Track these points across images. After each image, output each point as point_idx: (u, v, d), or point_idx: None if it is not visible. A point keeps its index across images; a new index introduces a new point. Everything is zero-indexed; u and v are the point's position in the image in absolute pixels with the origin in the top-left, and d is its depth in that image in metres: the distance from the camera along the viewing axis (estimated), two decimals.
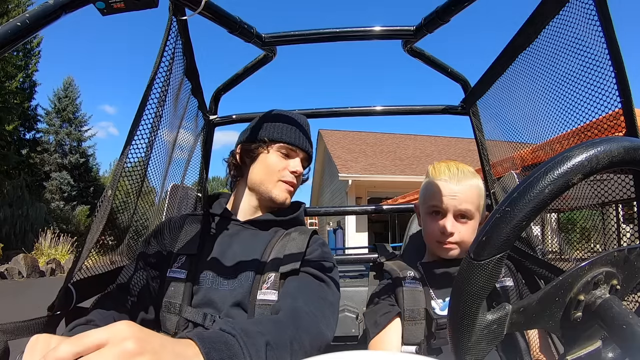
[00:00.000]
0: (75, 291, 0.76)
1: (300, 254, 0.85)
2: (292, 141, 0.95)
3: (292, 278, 0.82)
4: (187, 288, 0.84)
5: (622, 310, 0.38)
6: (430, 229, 0.93)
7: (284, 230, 0.94)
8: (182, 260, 0.87)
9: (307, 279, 0.82)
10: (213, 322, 0.79)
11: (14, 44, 0.53)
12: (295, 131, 0.97)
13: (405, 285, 0.92)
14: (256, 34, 1.09)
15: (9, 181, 12.76)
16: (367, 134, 16.28)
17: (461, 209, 0.89)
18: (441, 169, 0.94)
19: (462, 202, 0.89)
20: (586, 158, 0.35)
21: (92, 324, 0.72)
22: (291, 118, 1.00)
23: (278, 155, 0.95)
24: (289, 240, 0.89)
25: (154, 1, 0.69)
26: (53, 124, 17.18)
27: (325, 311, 0.75)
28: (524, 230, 0.36)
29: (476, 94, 1.25)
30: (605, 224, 0.84)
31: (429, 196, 0.93)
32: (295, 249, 0.86)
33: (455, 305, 0.39)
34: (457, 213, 0.90)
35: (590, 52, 0.71)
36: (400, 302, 0.90)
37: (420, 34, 1.07)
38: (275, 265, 0.84)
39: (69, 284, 0.75)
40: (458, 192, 0.89)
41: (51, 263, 9.48)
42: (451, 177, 0.91)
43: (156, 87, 0.85)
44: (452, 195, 0.90)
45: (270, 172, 0.94)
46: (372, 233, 13.31)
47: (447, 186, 0.90)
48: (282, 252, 0.86)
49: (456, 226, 0.90)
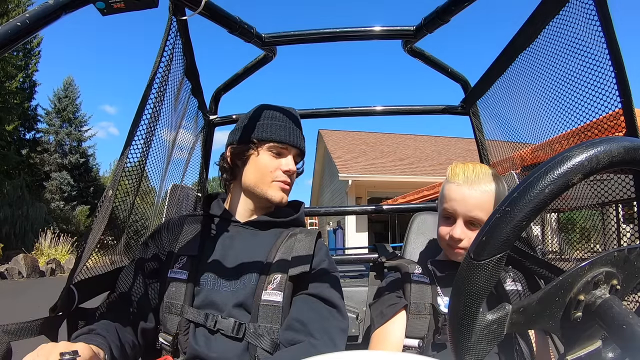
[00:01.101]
0: (77, 292, 0.76)
1: (308, 257, 0.85)
2: (282, 139, 0.92)
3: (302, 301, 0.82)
4: (189, 289, 0.83)
5: (622, 310, 0.38)
6: (441, 232, 0.92)
7: (288, 231, 0.94)
8: (183, 261, 0.87)
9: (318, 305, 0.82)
10: (215, 323, 0.79)
11: (14, 44, 0.53)
12: (285, 128, 0.93)
13: (413, 280, 0.93)
14: (256, 34, 1.09)
15: (9, 181, 12.76)
16: (367, 134, 16.28)
17: (471, 215, 0.86)
18: (457, 170, 0.90)
19: (473, 209, 0.86)
20: (586, 158, 0.35)
21: (93, 333, 0.72)
22: (279, 114, 0.95)
23: (269, 155, 0.92)
24: (295, 241, 0.89)
25: (154, 1, 0.69)
26: (53, 124, 17.18)
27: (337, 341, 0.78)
28: (524, 230, 0.36)
29: (476, 94, 1.25)
30: (605, 224, 0.84)
31: (442, 199, 0.92)
32: (302, 251, 0.86)
33: (455, 305, 0.39)
34: (467, 219, 0.87)
35: (591, 52, 0.71)
36: (407, 295, 0.90)
37: (420, 34, 1.07)
38: (282, 267, 0.84)
39: (71, 285, 0.74)
40: (470, 198, 0.86)
41: (51, 263, 9.48)
42: (465, 180, 0.87)
43: (155, 87, 0.85)
44: (464, 200, 0.86)
45: (263, 174, 0.91)
46: (372, 233, 13.31)
47: (459, 190, 0.87)
48: (289, 254, 0.86)
49: (465, 232, 0.87)
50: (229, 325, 0.79)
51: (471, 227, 0.88)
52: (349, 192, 12.36)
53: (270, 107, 0.97)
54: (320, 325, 0.79)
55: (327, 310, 0.82)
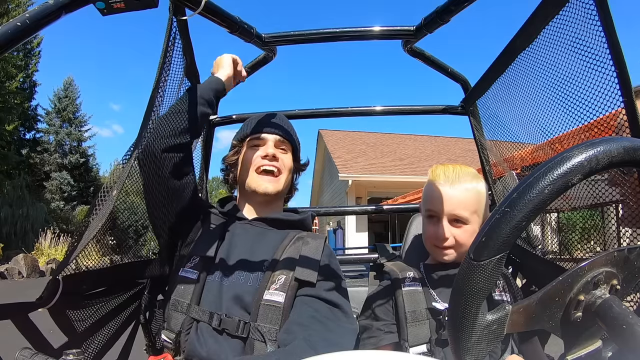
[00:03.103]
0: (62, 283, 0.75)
1: (316, 262, 0.86)
2: (256, 130, 1.00)
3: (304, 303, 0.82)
4: (197, 288, 0.84)
5: (622, 310, 0.38)
6: (427, 233, 0.93)
7: (295, 233, 0.95)
8: (195, 261, 0.88)
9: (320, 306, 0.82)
10: (220, 322, 0.80)
11: (14, 44, 0.53)
12: (259, 122, 1.02)
13: (404, 288, 0.91)
14: (256, 34, 1.08)
15: (9, 181, 12.77)
16: (367, 134, 16.27)
17: (455, 213, 0.87)
18: (437, 171, 0.93)
19: (456, 207, 0.87)
20: (586, 158, 0.35)
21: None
22: (256, 114, 1.07)
23: (250, 149, 0.99)
24: (303, 243, 0.90)
25: (154, 1, 0.69)
26: (53, 124, 17.18)
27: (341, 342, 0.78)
28: (523, 230, 0.36)
29: (476, 94, 1.24)
30: (605, 224, 0.83)
31: (425, 200, 0.94)
32: (310, 254, 0.87)
33: (455, 305, 0.39)
34: (452, 217, 0.88)
35: (591, 52, 0.71)
36: (401, 305, 0.89)
37: (420, 34, 1.07)
38: (288, 268, 0.84)
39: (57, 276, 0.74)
40: (452, 196, 0.88)
41: (51, 263, 9.48)
42: (446, 180, 0.89)
43: (161, 88, 0.86)
44: (446, 199, 0.88)
45: (246, 167, 0.98)
46: (372, 233, 13.31)
47: (441, 190, 0.89)
48: (296, 256, 0.87)
49: (450, 230, 0.88)
50: (234, 324, 0.79)
51: (456, 225, 0.89)
52: (348, 192, 12.36)
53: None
54: (321, 326, 0.78)
55: (330, 310, 0.82)
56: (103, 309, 0.90)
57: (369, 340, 0.89)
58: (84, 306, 0.84)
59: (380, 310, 0.92)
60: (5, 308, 0.67)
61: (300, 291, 0.83)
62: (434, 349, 0.84)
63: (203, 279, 0.85)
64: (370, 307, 0.95)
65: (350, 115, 1.52)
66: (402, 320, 0.87)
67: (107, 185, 0.83)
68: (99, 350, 0.88)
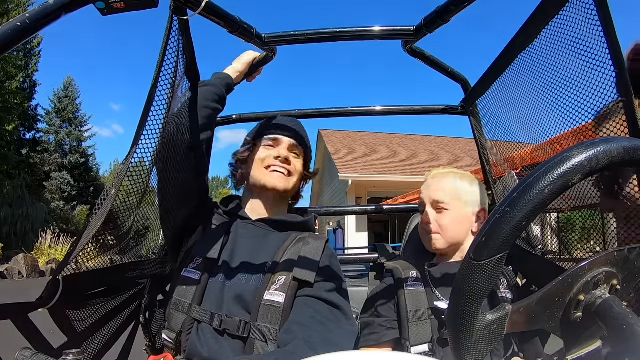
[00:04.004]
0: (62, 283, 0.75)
1: (315, 262, 0.86)
2: (273, 131, 1.03)
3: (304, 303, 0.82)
4: (199, 289, 0.85)
5: (622, 310, 0.38)
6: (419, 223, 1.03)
7: (297, 234, 0.95)
8: (198, 262, 0.88)
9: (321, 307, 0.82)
10: (221, 322, 0.80)
11: (14, 44, 0.53)
12: (277, 123, 1.05)
13: (407, 288, 0.92)
14: (256, 34, 1.08)
15: (9, 181, 12.77)
16: (367, 134, 16.27)
17: (435, 198, 0.98)
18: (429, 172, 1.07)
19: (434, 192, 0.99)
20: (586, 158, 0.35)
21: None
22: (273, 117, 1.10)
23: (264, 148, 1.01)
24: (303, 244, 0.90)
25: (154, 1, 0.69)
26: (53, 124, 17.18)
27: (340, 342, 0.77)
28: (523, 230, 0.36)
29: (476, 94, 1.24)
30: (605, 224, 0.83)
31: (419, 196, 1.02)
32: (310, 255, 0.87)
33: (455, 305, 0.39)
34: (434, 204, 0.99)
35: (591, 52, 0.71)
36: (403, 304, 0.90)
37: (420, 34, 1.06)
38: (288, 268, 0.84)
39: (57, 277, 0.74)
40: (431, 184, 1.02)
41: (51, 263, 9.47)
42: (431, 176, 1.04)
43: (160, 88, 0.86)
44: (427, 186, 1.03)
45: (258, 164, 1.00)
46: (372, 233, 13.31)
47: (425, 183, 1.04)
48: (297, 256, 0.87)
49: (433, 214, 0.98)
50: (235, 324, 0.79)
51: (438, 211, 0.99)
52: (348, 192, 12.36)
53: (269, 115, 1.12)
54: (321, 327, 0.78)
55: (330, 311, 0.82)
56: (103, 309, 0.90)
57: (370, 336, 0.90)
58: (84, 306, 0.84)
59: (382, 308, 0.93)
60: (5, 308, 0.67)
61: (300, 291, 0.83)
62: (436, 349, 0.84)
63: (205, 280, 0.85)
64: (372, 305, 0.96)
65: (350, 115, 1.52)
66: (404, 320, 0.88)
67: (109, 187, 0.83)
68: (99, 350, 0.88)
